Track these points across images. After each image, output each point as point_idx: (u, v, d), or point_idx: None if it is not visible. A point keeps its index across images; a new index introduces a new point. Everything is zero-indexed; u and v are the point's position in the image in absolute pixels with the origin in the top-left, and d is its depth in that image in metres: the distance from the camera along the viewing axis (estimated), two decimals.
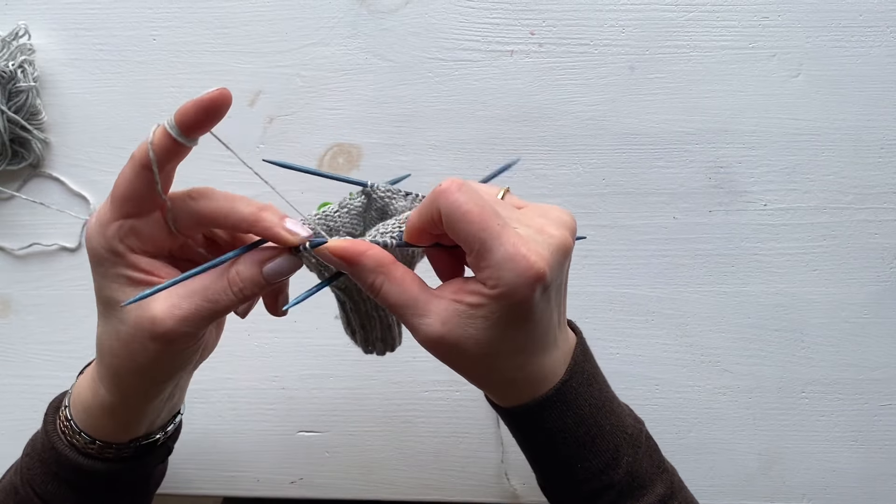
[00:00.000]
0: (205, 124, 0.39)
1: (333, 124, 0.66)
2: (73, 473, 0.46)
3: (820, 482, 0.65)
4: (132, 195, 0.40)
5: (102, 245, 0.41)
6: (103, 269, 0.41)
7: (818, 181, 0.65)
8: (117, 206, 0.40)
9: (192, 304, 0.41)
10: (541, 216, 0.41)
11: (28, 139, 0.64)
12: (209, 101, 0.39)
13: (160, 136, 0.39)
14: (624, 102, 0.65)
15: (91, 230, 0.41)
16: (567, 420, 0.42)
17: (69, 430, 0.46)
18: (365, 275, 0.40)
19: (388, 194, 0.44)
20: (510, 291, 0.37)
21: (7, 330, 0.66)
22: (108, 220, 0.40)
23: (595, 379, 0.45)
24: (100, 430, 0.46)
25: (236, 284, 0.41)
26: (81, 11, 0.66)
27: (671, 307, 0.65)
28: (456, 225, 0.38)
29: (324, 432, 0.65)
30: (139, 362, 0.42)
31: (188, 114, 0.39)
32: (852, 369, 0.65)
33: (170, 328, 0.40)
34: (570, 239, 0.41)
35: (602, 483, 0.43)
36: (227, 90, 0.39)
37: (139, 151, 0.39)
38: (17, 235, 0.66)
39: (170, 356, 0.43)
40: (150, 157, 0.39)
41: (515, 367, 0.41)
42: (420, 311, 0.40)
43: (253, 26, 0.65)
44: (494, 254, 0.37)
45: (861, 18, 0.64)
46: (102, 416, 0.45)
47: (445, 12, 0.65)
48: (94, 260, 0.42)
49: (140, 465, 0.48)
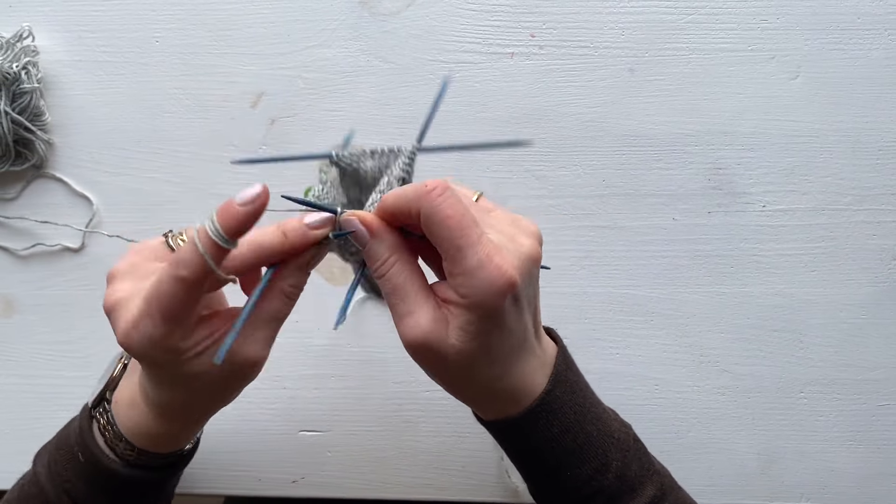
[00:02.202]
0: (251, 227, 0.38)
1: (335, 126, 0.66)
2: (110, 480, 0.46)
3: (818, 482, 0.65)
4: (185, 310, 0.39)
5: (164, 356, 0.40)
6: (173, 365, 0.41)
7: (817, 183, 0.65)
8: (169, 322, 0.39)
9: (269, 328, 0.42)
10: (511, 224, 0.42)
11: (32, 140, 0.65)
12: (257, 212, 0.38)
13: (209, 246, 0.37)
14: (624, 104, 0.65)
15: (145, 348, 0.40)
16: (553, 429, 0.43)
17: (110, 433, 0.46)
18: (382, 250, 0.40)
19: (353, 158, 0.44)
20: (481, 300, 0.38)
21: (10, 330, 0.67)
22: (161, 335, 0.39)
23: (578, 386, 0.45)
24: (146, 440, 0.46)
25: (292, 295, 0.42)
26: (85, 13, 0.66)
27: (670, 308, 0.65)
28: (435, 228, 0.38)
29: (325, 432, 0.66)
30: (226, 400, 0.45)
31: (238, 224, 0.37)
32: (851, 369, 0.65)
33: (263, 357, 0.43)
34: (538, 249, 0.41)
35: (592, 489, 0.43)
36: (267, 189, 0.38)
37: (190, 273, 0.37)
38: (21, 236, 0.67)
39: (250, 381, 0.45)
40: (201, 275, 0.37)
41: (494, 378, 0.41)
42: (412, 305, 0.40)
43: (255, 28, 0.66)
44: (468, 261, 0.37)
45: (860, 21, 0.64)
46: (152, 438, 0.46)
47: (447, 15, 0.65)
48: (157, 366, 0.42)
49: (176, 473, 0.49)
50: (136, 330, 0.39)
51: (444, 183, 0.38)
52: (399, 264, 0.40)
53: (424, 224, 0.38)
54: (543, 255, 0.43)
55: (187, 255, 0.37)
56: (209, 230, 0.37)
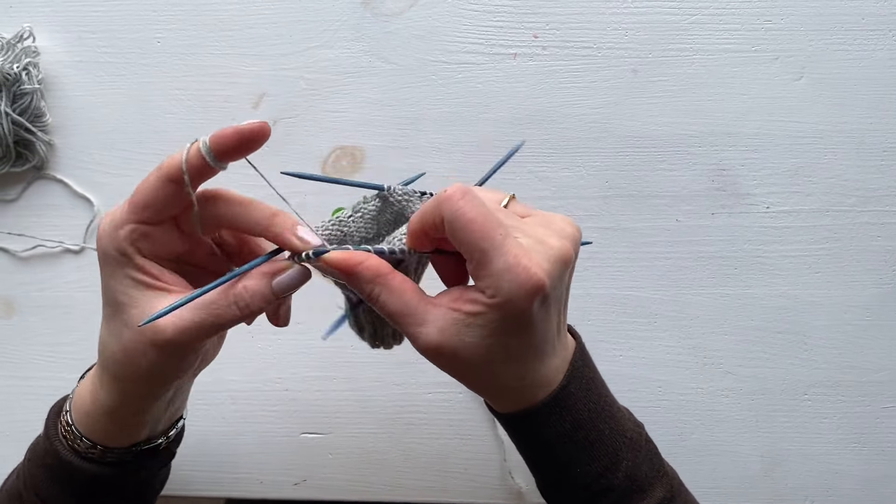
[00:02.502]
0: (240, 153, 0.40)
1: (337, 127, 0.66)
2: (75, 478, 0.46)
3: (822, 484, 0.65)
4: (153, 204, 0.40)
5: (113, 246, 0.41)
6: (111, 269, 0.42)
7: (821, 184, 0.65)
8: (135, 211, 0.40)
9: (195, 316, 0.41)
10: (543, 226, 0.41)
11: (32, 141, 0.64)
12: (249, 132, 0.39)
13: (193, 156, 0.39)
14: (627, 105, 0.65)
15: (103, 230, 0.41)
16: (565, 425, 0.42)
17: (70, 434, 0.46)
18: (362, 285, 0.40)
19: (405, 197, 0.44)
20: (508, 301, 0.37)
21: (10, 331, 0.67)
22: (122, 222, 0.41)
23: (594, 383, 0.45)
24: (101, 434, 0.46)
25: (242, 300, 0.41)
26: (86, 14, 0.66)
27: (674, 309, 0.65)
28: (458, 233, 0.38)
29: (327, 434, 0.65)
30: (139, 367, 0.42)
31: (226, 141, 0.39)
32: (855, 371, 0.65)
33: (170, 338, 0.41)
34: (571, 250, 0.41)
35: (601, 486, 0.43)
36: (267, 125, 0.40)
37: (168, 165, 0.40)
38: (21, 237, 0.66)
39: (169, 363, 0.43)
40: (178, 172, 0.39)
41: (513, 376, 0.41)
42: (417, 319, 0.40)
43: (257, 29, 0.66)
44: (495, 263, 0.37)
45: (864, 22, 0.64)
46: (103, 420, 0.45)
47: (449, 15, 0.65)
48: (103, 260, 0.42)
49: (142, 469, 0.48)
50: (107, 216, 0.42)
51: (464, 187, 0.38)
52: (386, 290, 0.40)
53: (448, 230, 0.38)
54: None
55: (173, 157, 0.40)
56: (201, 144, 0.39)
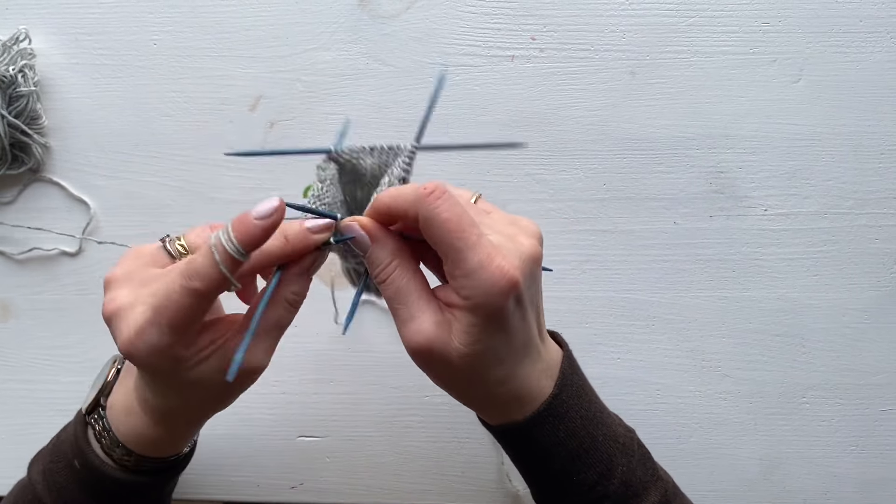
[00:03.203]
0: (266, 241, 0.39)
1: (334, 129, 0.64)
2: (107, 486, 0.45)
3: (820, 487, 0.65)
4: (193, 321, 0.39)
5: (166, 365, 0.40)
6: (174, 373, 0.41)
7: (818, 186, 0.65)
8: (177, 332, 0.39)
9: (271, 337, 0.43)
10: (510, 224, 0.42)
11: (28, 144, 0.64)
12: (274, 224, 0.38)
13: (227, 261, 0.37)
14: (625, 107, 0.65)
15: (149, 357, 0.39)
16: (559, 434, 0.42)
17: (107, 440, 0.45)
18: (384, 255, 0.40)
19: (353, 154, 0.44)
20: (484, 301, 0.38)
21: (7, 335, 0.66)
22: (167, 344, 0.39)
23: (584, 390, 0.45)
24: (144, 445, 0.46)
25: (295, 303, 0.42)
26: (82, 16, 0.66)
27: (672, 312, 0.65)
28: (434, 231, 0.38)
29: (324, 437, 0.65)
30: (224, 405, 0.45)
31: (255, 239, 0.37)
32: (853, 374, 0.65)
33: (265, 365, 0.43)
34: (539, 248, 0.41)
35: (597, 494, 0.43)
36: (283, 203, 0.38)
37: (204, 286, 0.37)
38: (18, 240, 0.66)
39: (247, 387, 0.45)
40: (214, 287, 0.38)
41: (499, 381, 0.41)
42: (415, 309, 0.40)
43: (254, 31, 0.65)
44: (468, 262, 0.37)
45: (861, 24, 0.64)
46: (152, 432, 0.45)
47: (446, 17, 0.65)
48: (154, 373, 0.41)
49: (175, 477, 0.49)
50: (140, 339, 0.39)
51: (442, 185, 0.38)
52: (400, 269, 0.40)
53: (423, 227, 0.38)
54: (544, 258, 0.43)
55: (201, 267, 0.37)
56: (226, 244, 0.37)
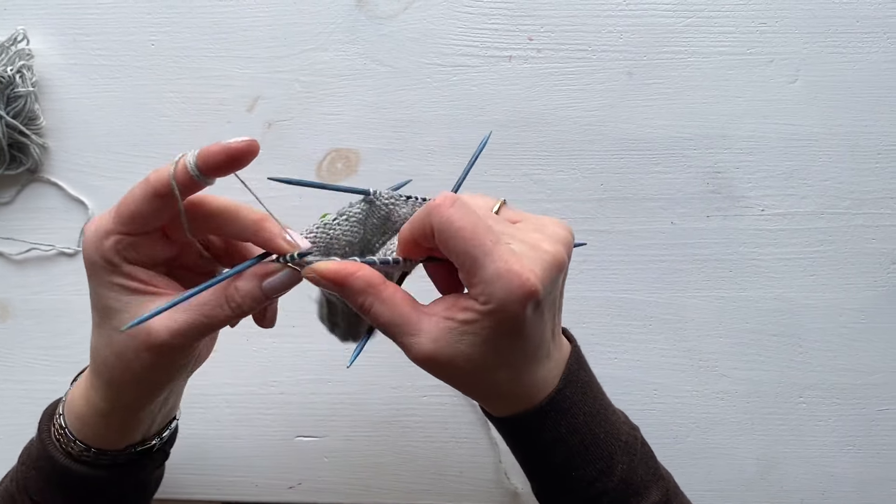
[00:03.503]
0: (227, 170, 0.40)
1: (332, 129, 0.66)
2: (69, 481, 0.46)
3: (817, 487, 0.65)
4: (139, 216, 0.40)
5: (99, 255, 0.41)
6: (99, 277, 0.41)
7: (815, 186, 0.65)
8: (122, 222, 0.40)
9: (188, 317, 0.41)
10: (536, 231, 0.41)
11: (26, 144, 0.64)
12: (236, 150, 0.39)
13: (181, 171, 0.39)
14: (622, 108, 0.65)
15: (88, 240, 0.41)
16: (561, 429, 0.42)
17: (64, 437, 0.46)
18: (354, 296, 0.40)
19: (391, 200, 0.44)
20: (501, 308, 0.37)
21: (5, 335, 0.66)
22: (108, 232, 0.40)
23: (590, 387, 0.45)
24: (94, 437, 0.46)
25: (234, 300, 0.41)
26: (80, 16, 0.66)
27: (669, 312, 0.65)
28: (448, 241, 0.38)
29: (322, 437, 0.65)
30: (133, 371, 0.42)
31: (213, 158, 0.39)
32: (850, 374, 0.65)
33: (164, 340, 0.41)
34: (564, 253, 0.41)
35: (596, 490, 0.43)
36: (256, 142, 0.39)
37: (156, 179, 0.39)
38: (16, 240, 0.66)
39: (163, 366, 0.43)
40: (165, 186, 0.39)
41: (508, 381, 0.41)
42: (410, 329, 0.40)
43: (251, 32, 0.66)
44: (486, 270, 0.37)
45: (858, 25, 0.64)
46: (97, 423, 0.45)
47: (444, 18, 0.65)
48: (91, 268, 0.42)
49: (136, 471, 0.48)
50: (92, 224, 0.41)
51: (453, 195, 0.38)
52: (378, 301, 0.40)
53: (438, 239, 0.38)
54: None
55: (161, 170, 0.39)
56: (188, 161, 0.39)
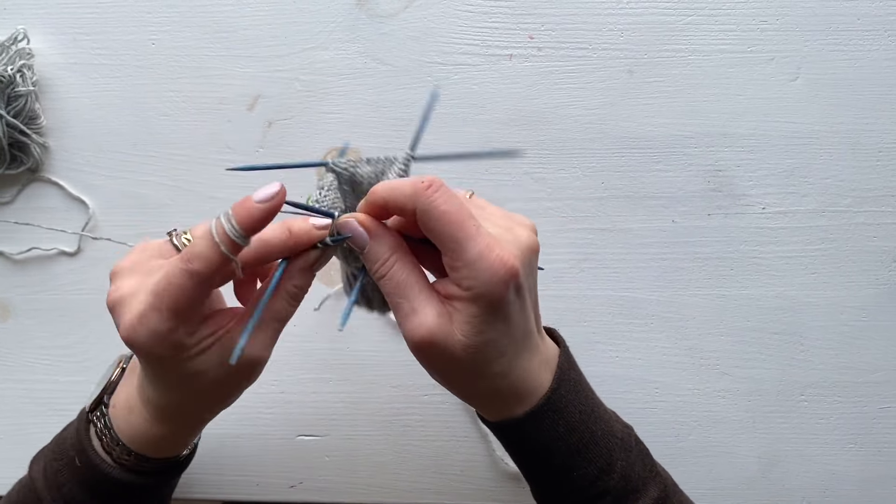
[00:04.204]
0: (266, 225, 0.39)
1: (332, 128, 0.66)
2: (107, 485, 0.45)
3: (819, 485, 0.65)
4: (194, 304, 0.39)
5: (167, 352, 0.40)
6: (175, 363, 0.41)
7: (816, 184, 0.65)
8: (180, 318, 0.39)
9: (272, 329, 0.43)
10: (506, 218, 0.43)
11: (27, 143, 0.64)
12: (274, 208, 0.38)
13: (230, 245, 0.38)
14: (622, 106, 0.65)
15: (150, 343, 0.39)
16: (559, 429, 0.42)
17: (108, 438, 0.46)
18: (382, 250, 0.40)
19: (350, 164, 0.44)
20: (485, 291, 0.38)
21: (6, 335, 0.66)
22: (167, 329, 0.39)
23: (581, 385, 0.45)
24: (149, 448, 0.46)
25: (297, 296, 0.43)
26: (80, 16, 0.66)
27: (670, 310, 0.65)
28: (433, 223, 0.38)
29: (323, 436, 0.65)
30: (225, 403, 0.45)
31: (255, 222, 0.38)
32: (851, 372, 0.65)
33: (262, 356, 0.43)
34: (536, 239, 0.42)
35: (598, 489, 0.43)
36: (284, 188, 0.39)
37: (204, 267, 0.38)
38: (17, 240, 0.66)
39: (248, 382, 0.45)
40: (214, 270, 0.38)
41: (499, 374, 0.41)
42: (416, 303, 0.40)
43: (252, 31, 0.66)
44: (469, 253, 0.38)
45: (859, 22, 0.64)
46: (149, 442, 0.45)
47: (444, 17, 0.65)
48: (160, 362, 0.41)
49: (171, 477, 0.49)
50: (141, 324, 0.39)
51: (438, 180, 0.39)
52: (400, 263, 0.40)
53: (421, 220, 0.39)
54: (540, 258, 0.43)
55: (201, 249, 0.38)
56: (226, 226, 0.37)
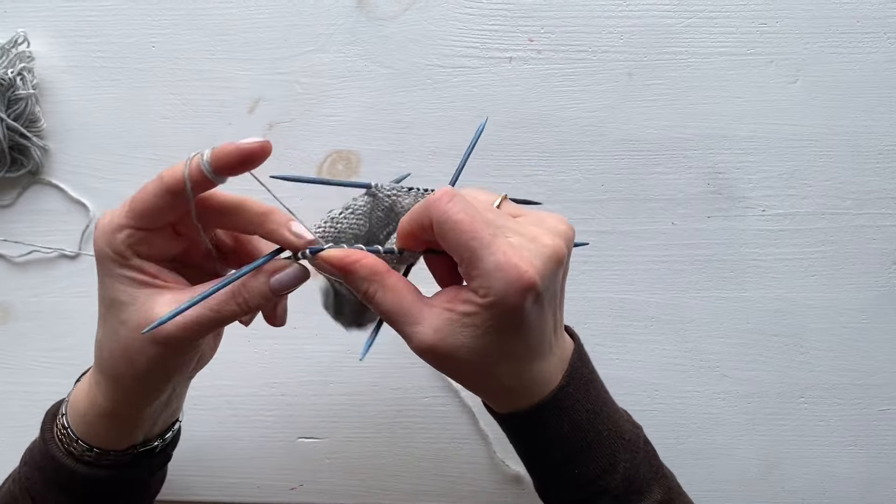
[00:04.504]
0: (240, 169, 0.40)
1: (333, 131, 0.66)
2: (71, 481, 0.46)
3: (819, 487, 0.65)
4: (151, 212, 0.41)
5: (111, 248, 0.41)
6: (109, 269, 0.42)
7: (816, 187, 0.65)
8: (134, 217, 0.41)
9: (195, 312, 0.41)
10: (536, 225, 0.42)
11: (27, 146, 0.64)
12: (250, 151, 0.40)
13: (194, 169, 0.40)
14: (622, 109, 0.65)
15: (100, 233, 0.42)
16: (564, 426, 0.43)
17: (66, 437, 0.46)
18: (359, 283, 0.41)
19: (393, 192, 0.45)
20: (501, 300, 0.38)
21: (6, 337, 0.66)
22: (120, 226, 0.41)
23: (593, 384, 0.45)
24: (97, 437, 0.46)
25: (241, 296, 0.42)
26: (80, 19, 0.66)
27: (670, 313, 0.65)
28: (447, 233, 0.38)
29: (324, 439, 0.65)
30: (136, 366, 0.43)
31: (227, 158, 0.40)
32: (851, 374, 0.65)
33: (171, 333, 0.41)
34: (563, 247, 0.41)
35: (598, 488, 0.43)
36: (269, 143, 0.40)
37: (170, 177, 0.40)
38: (17, 242, 0.66)
39: (167, 361, 0.43)
40: (178, 184, 0.40)
41: (511, 375, 0.41)
42: (413, 319, 0.40)
43: (252, 33, 0.66)
44: (484, 262, 0.37)
45: (858, 25, 0.64)
46: (99, 422, 0.45)
47: (444, 19, 0.65)
48: (101, 260, 0.42)
49: (138, 472, 0.49)
50: (104, 219, 0.42)
51: (452, 190, 0.39)
52: (382, 287, 0.40)
53: (437, 232, 0.39)
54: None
55: (175, 167, 0.40)
56: (202, 159, 0.40)
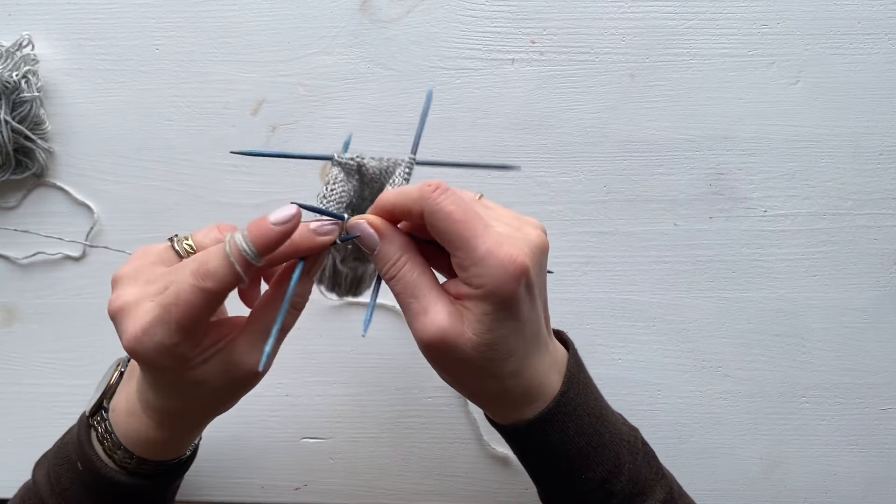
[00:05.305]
0: (280, 247, 0.39)
1: (336, 133, 0.66)
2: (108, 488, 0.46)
3: (821, 486, 0.65)
4: (198, 319, 0.39)
5: (170, 364, 0.40)
6: (177, 373, 0.41)
7: (818, 187, 0.65)
8: (183, 331, 0.39)
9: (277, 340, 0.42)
10: (515, 218, 0.43)
11: (32, 149, 0.64)
12: (289, 231, 0.39)
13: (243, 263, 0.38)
14: (624, 110, 0.65)
15: (154, 355, 0.40)
16: (569, 432, 0.43)
17: (109, 442, 0.46)
18: (393, 251, 0.41)
19: (357, 158, 0.45)
20: (496, 288, 0.38)
21: (11, 339, 0.67)
22: (173, 345, 0.39)
23: (590, 388, 0.45)
24: (150, 451, 0.46)
25: (299, 305, 0.43)
26: (85, 21, 0.66)
27: (672, 313, 0.65)
28: (440, 224, 0.39)
29: (328, 439, 0.65)
30: (225, 407, 0.45)
31: (270, 243, 0.38)
32: (853, 374, 0.65)
33: (268, 368, 0.42)
34: (545, 238, 0.42)
35: (605, 492, 0.43)
36: (300, 211, 0.39)
37: (216, 286, 0.38)
38: (22, 244, 0.66)
39: (248, 390, 0.45)
40: (228, 287, 0.39)
41: (510, 373, 0.41)
42: (426, 303, 0.40)
43: (255, 35, 0.66)
44: (477, 250, 0.38)
45: (860, 26, 0.64)
46: (150, 445, 0.46)
47: (447, 21, 0.65)
48: (162, 373, 0.42)
49: (173, 479, 0.49)
50: (146, 335, 0.39)
51: (444, 184, 0.39)
52: (410, 264, 0.41)
53: (429, 222, 0.39)
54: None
55: (215, 268, 0.38)
56: (241, 245, 0.38)
